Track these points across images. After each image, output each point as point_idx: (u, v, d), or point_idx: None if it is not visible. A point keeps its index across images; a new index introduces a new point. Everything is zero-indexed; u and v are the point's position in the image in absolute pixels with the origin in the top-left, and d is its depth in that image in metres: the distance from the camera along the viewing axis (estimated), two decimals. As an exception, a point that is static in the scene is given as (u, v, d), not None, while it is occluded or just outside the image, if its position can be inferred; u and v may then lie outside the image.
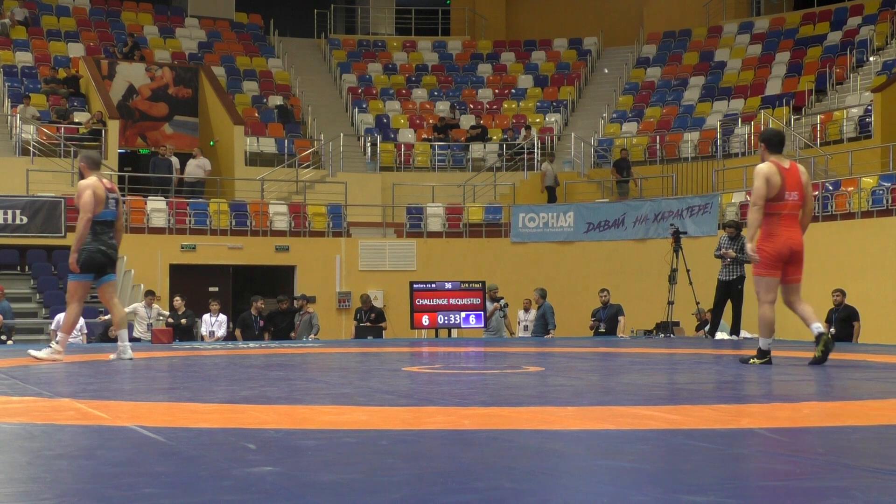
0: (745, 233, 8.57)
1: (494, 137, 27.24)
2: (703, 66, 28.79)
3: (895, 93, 22.32)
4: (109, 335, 17.26)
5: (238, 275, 22.53)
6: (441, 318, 18.25)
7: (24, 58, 26.79)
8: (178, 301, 18.15)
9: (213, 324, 18.12)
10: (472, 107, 29.09)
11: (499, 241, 23.09)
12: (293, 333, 18.81)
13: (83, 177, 9.53)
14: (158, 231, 21.67)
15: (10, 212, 20.40)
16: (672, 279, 16.68)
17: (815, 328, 8.21)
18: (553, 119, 28.23)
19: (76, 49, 27.61)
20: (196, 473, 3.41)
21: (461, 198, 24.55)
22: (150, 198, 22.29)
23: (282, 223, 22.62)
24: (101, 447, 4.03)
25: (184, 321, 17.85)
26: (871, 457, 3.81)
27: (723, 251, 14.66)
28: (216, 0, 30.94)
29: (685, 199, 21.56)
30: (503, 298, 19.31)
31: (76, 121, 24.45)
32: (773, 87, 26.50)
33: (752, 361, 8.46)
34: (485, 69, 30.65)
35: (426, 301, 18.32)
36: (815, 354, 8.21)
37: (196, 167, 23.61)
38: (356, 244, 22.63)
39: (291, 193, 24.47)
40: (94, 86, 25.07)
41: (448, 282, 18.71)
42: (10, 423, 4.75)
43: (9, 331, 17.28)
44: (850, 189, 19.09)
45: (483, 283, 18.83)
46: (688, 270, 16.40)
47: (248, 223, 22.31)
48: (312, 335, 18.52)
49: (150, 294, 18.08)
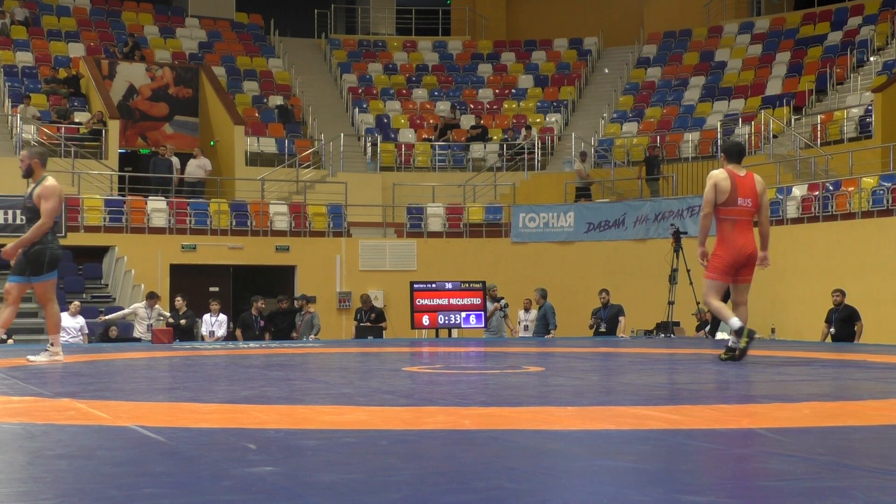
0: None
1: (495, 137, 27.24)
2: (704, 66, 28.79)
3: (895, 93, 22.32)
4: (109, 335, 17.29)
5: (238, 275, 22.52)
6: (441, 318, 18.25)
7: (25, 58, 26.80)
8: (180, 301, 18.15)
9: (214, 324, 18.12)
10: (473, 107, 29.09)
11: (499, 241, 23.09)
12: (294, 333, 18.81)
13: (32, 173, 9.26)
14: (159, 231, 21.68)
15: (10, 212, 20.39)
16: (672, 279, 16.69)
17: (734, 322, 8.59)
18: (553, 119, 28.23)
19: (76, 49, 27.61)
20: (196, 473, 3.41)
21: (461, 198, 24.55)
22: (151, 198, 22.30)
23: (282, 223, 22.62)
24: (101, 447, 4.03)
25: (184, 321, 17.85)
26: (871, 457, 3.81)
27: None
28: (216, 0, 30.94)
29: (685, 199, 21.56)
30: (503, 298, 19.31)
31: (76, 121, 24.45)
32: (774, 87, 26.50)
33: (742, 344, 8.54)
34: (485, 69, 30.66)
35: (426, 301, 18.32)
36: (741, 345, 8.47)
37: (196, 167, 23.61)
38: (356, 244, 22.63)
39: (292, 193, 24.48)
40: (95, 86, 25.07)
41: (448, 282, 18.72)
42: (10, 423, 4.75)
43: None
44: (851, 189, 19.09)
45: (483, 283, 18.83)
46: (688, 270, 16.41)
47: (249, 223, 22.32)
48: (313, 335, 18.52)
49: (153, 296, 18.05)
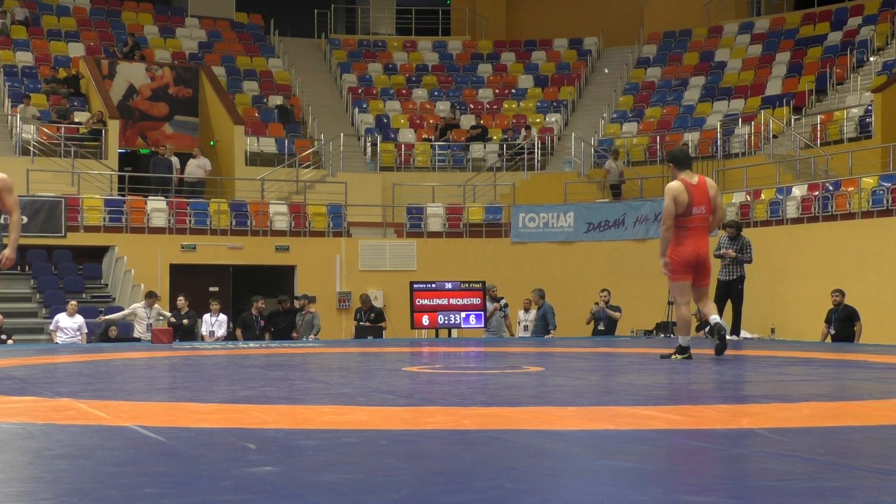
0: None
1: (495, 137, 27.23)
2: (704, 67, 28.79)
3: (895, 93, 22.32)
4: (109, 335, 17.29)
5: (238, 275, 22.52)
6: (441, 318, 18.24)
7: (25, 58, 26.79)
8: (182, 301, 18.15)
9: (214, 324, 18.12)
10: (473, 107, 29.09)
11: (499, 241, 23.08)
12: (295, 333, 18.81)
13: None
14: (158, 231, 21.68)
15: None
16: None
17: (712, 319, 9.13)
18: (553, 119, 28.23)
19: (76, 49, 27.60)
20: (196, 473, 3.41)
21: (461, 198, 24.55)
22: (151, 198, 22.30)
23: (282, 223, 22.62)
24: (101, 447, 4.03)
25: (186, 321, 17.85)
26: (871, 457, 3.81)
27: (722, 251, 14.65)
28: (216, 0, 30.94)
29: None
30: (503, 298, 19.31)
31: (76, 121, 24.45)
32: (774, 88, 26.50)
33: (674, 357, 8.98)
34: (485, 69, 30.65)
35: (426, 301, 18.32)
36: (716, 342, 9.05)
37: (196, 167, 23.61)
38: (356, 244, 22.63)
39: (291, 193, 24.47)
40: (95, 86, 25.07)
41: (448, 282, 18.71)
42: (10, 423, 4.75)
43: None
44: (851, 189, 19.09)
45: (483, 283, 18.83)
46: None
47: (249, 223, 22.31)
48: (313, 335, 18.53)
49: (152, 296, 18.07)
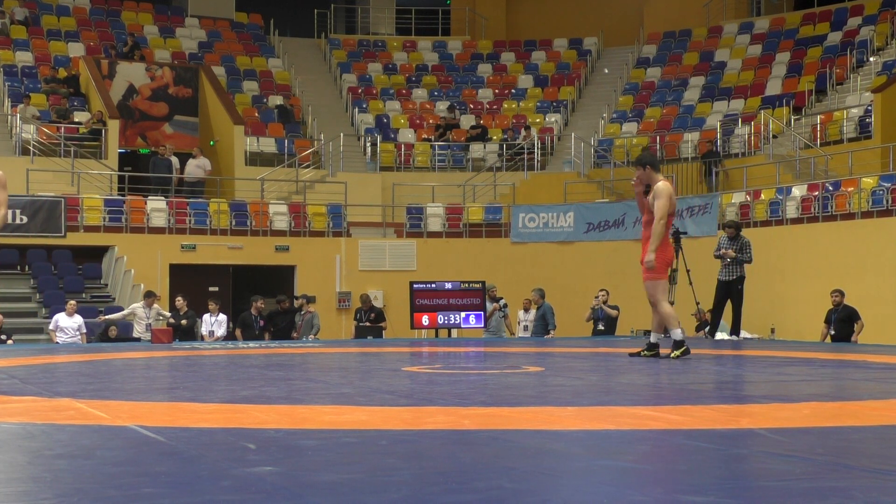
0: (651, 247, 9.63)
1: (494, 137, 27.23)
2: (704, 67, 28.79)
3: (895, 93, 22.32)
4: (109, 335, 17.28)
5: (238, 275, 22.52)
6: (441, 318, 18.24)
7: (25, 57, 26.79)
8: (181, 301, 18.16)
9: (213, 323, 18.12)
10: (473, 107, 29.08)
11: (499, 241, 23.08)
12: (295, 333, 18.81)
13: None
14: (158, 231, 21.67)
15: (10, 211, 20.37)
16: (672, 279, 16.65)
17: (679, 333, 9.25)
18: (553, 119, 28.23)
19: (76, 49, 27.60)
20: (196, 473, 3.41)
21: (461, 198, 24.54)
22: (150, 197, 22.30)
23: (282, 223, 22.62)
24: (101, 447, 4.03)
25: (185, 322, 17.86)
26: (871, 457, 3.81)
27: (722, 251, 14.66)
28: (216, 0, 30.93)
29: (685, 199, 21.55)
30: (503, 298, 19.31)
31: (76, 120, 24.45)
32: (774, 88, 26.50)
33: (674, 355, 8.96)
34: (485, 69, 30.65)
35: (426, 301, 18.31)
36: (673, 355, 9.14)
37: (196, 167, 23.61)
38: (356, 244, 22.63)
39: (291, 193, 24.47)
40: (94, 85, 25.07)
41: (448, 282, 18.71)
42: (10, 423, 4.75)
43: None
44: (850, 189, 19.09)
45: (483, 283, 18.83)
46: (688, 271, 16.39)
47: (248, 223, 22.31)
48: (312, 335, 18.53)
49: (150, 295, 18.08)
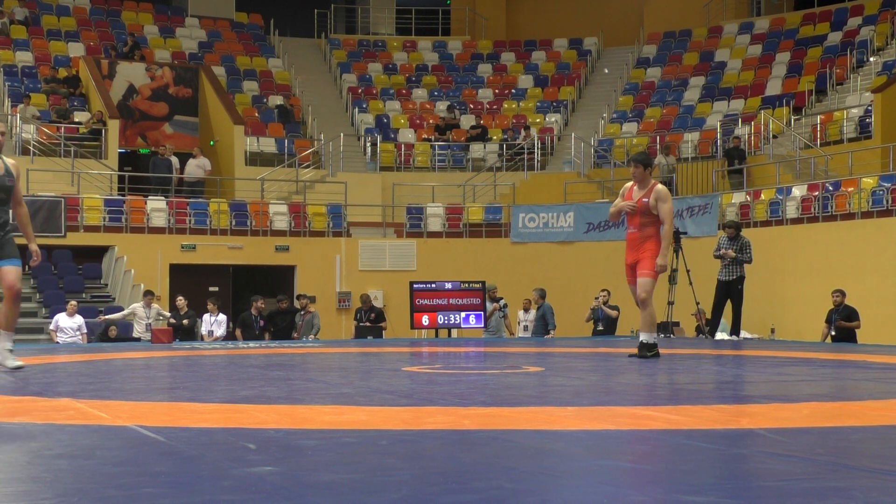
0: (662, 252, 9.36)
1: (495, 137, 27.24)
2: (704, 67, 28.79)
3: (895, 93, 22.31)
4: (109, 335, 17.28)
5: (238, 275, 22.52)
6: (441, 318, 18.24)
7: (25, 57, 26.79)
8: (181, 301, 18.16)
9: (213, 323, 18.12)
10: (473, 107, 29.08)
11: (499, 241, 23.08)
12: (295, 333, 18.81)
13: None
14: (158, 231, 21.67)
15: (10, 212, 20.36)
16: (672, 280, 16.67)
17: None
18: (553, 119, 28.23)
19: (76, 49, 27.61)
20: (196, 473, 3.41)
21: (461, 198, 24.55)
22: (150, 197, 22.30)
23: (282, 223, 22.62)
24: (101, 447, 4.03)
25: (186, 322, 17.86)
26: (871, 457, 3.81)
27: (722, 251, 14.67)
28: (216, 0, 30.94)
29: (685, 199, 21.55)
30: (502, 298, 19.30)
31: (76, 120, 24.45)
32: (774, 88, 26.50)
33: (647, 355, 9.10)
34: (485, 69, 30.65)
35: (426, 301, 18.31)
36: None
37: (196, 167, 23.61)
38: (356, 244, 22.63)
39: (291, 193, 24.47)
40: (95, 85, 25.07)
41: (448, 282, 18.71)
42: (10, 423, 4.75)
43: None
44: (850, 189, 19.09)
45: (483, 283, 18.83)
46: (688, 271, 16.39)
47: (248, 223, 22.31)
48: (312, 335, 18.53)
49: (149, 294, 18.09)
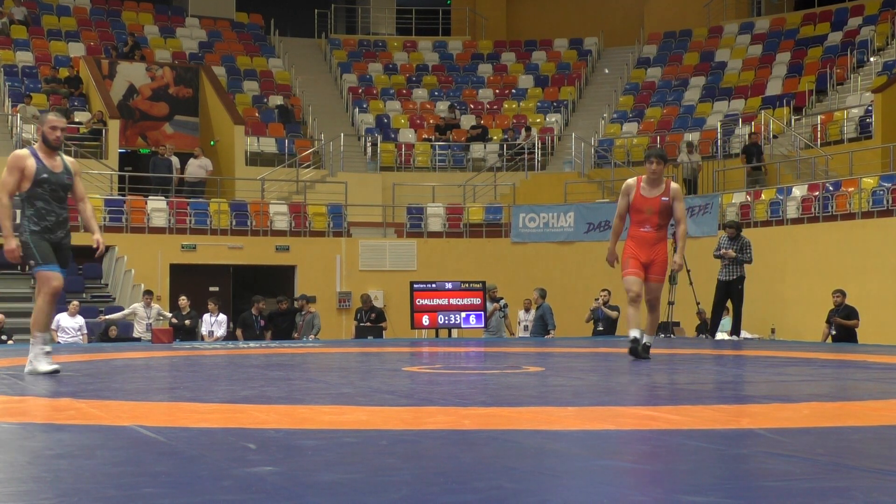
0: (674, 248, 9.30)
1: (495, 137, 27.24)
2: (704, 67, 28.79)
3: (895, 93, 22.31)
4: (109, 335, 17.29)
5: (238, 275, 22.53)
6: (441, 318, 18.24)
7: (25, 57, 26.80)
8: (184, 301, 18.16)
9: (213, 323, 18.13)
10: (473, 107, 29.08)
11: (499, 242, 23.08)
12: (295, 333, 18.82)
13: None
14: (158, 231, 21.67)
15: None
16: (672, 279, 16.67)
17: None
18: (553, 119, 28.23)
19: (77, 49, 27.61)
20: (196, 473, 3.41)
21: (461, 198, 24.55)
22: (151, 197, 22.30)
23: (282, 223, 22.62)
24: (101, 447, 4.03)
25: (188, 322, 17.86)
26: (871, 457, 3.81)
27: (722, 251, 14.67)
28: (216, 0, 30.94)
29: (685, 199, 21.49)
30: (503, 299, 19.31)
31: (76, 120, 24.44)
32: (774, 88, 26.50)
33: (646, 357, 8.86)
34: (485, 69, 30.65)
35: (426, 301, 18.32)
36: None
37: (198, 167, 23.61)
38: (356, 244, 22.63)
39: (292, 193, 24.48)
40: (95, 85, 25.08)
41: (448, 282, 18.72)
42: (10, 423, 4.75)
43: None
44: (851, 189, 19.09)
45: (483, 283, 18.83)
46: (688, 271, 16.41)
47: (249, 223, 22.31)
48: (313, 335, 18.54)
49: (149, 294, 18.09)
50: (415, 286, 18.51)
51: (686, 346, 12.61)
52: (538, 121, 28.24)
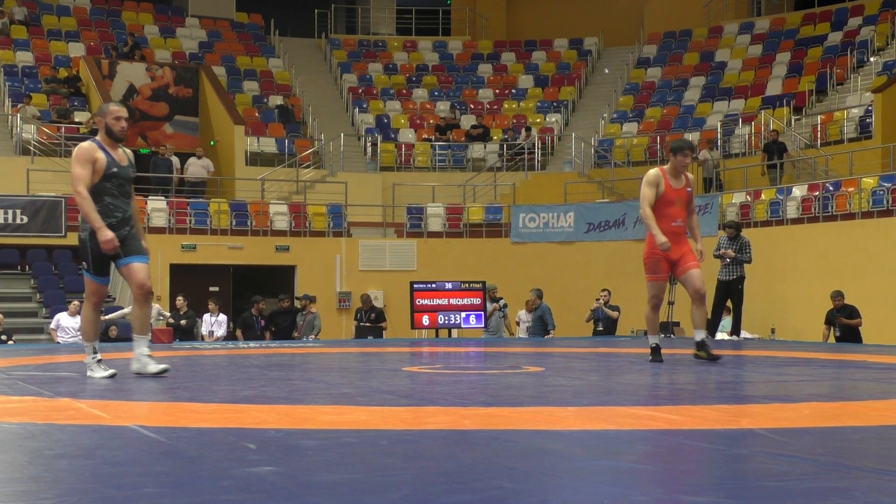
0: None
1: (495, 137, 27.25)
2: (704, 67, 28.79)
3: (895, 93, 22.31)
4: (109, 335, 17.27)
5: (238, 275, 22.53)
6: (441, 319, 18.24)
7: (25, 57, 26.79)
8: (180, 301, 18.15)
9: (213, 323, 18.13)
10: (473, 107, 29.09)
11: (499, 242, 23.08)
12: (296, 333, 18.82)
13: None
14: (159, 231, 21.65)
15: (11, 211, 20.41)
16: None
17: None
18: (553, 119, 28.23)
19: (77, 49, 27.61)
20: (196, 473, 3.41)
21: (461, 198, 24.55)
22: (151, 197, 22.29)
23: (282, 223, 22.62)
24: (101, 447, 4.03)
25: (184, 322, 17.85)
26: (871, 457, 3.81)
27: (722, 251, 14.67)
28: (216, 0, 30.94)
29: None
30: (502, 299, 19.30)
31: (76, 120, 24.45)
32: (774, 88, 26.50)
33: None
34: (485, 69, 30.65)
35: (426, 301, 18.31)
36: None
37: (200, 167, 23.62)
38: (356, 244, 22.63)
39: (292, 193, 24.48)
40: (95, 85, 25.08)
41: (448, 282, 18.71)
42: (10, 423, 4.75)
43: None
44: (851, 189, 19.09)
45: (483, 284, 18.83)
46: (688, 270, 16.39)
47: (249, 223, 22.31)
48: (313, 335, 18.54)
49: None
50: (415, 286, 18.51)
51: (686, 346, 12.61)
52: (538, 121, 28.24)
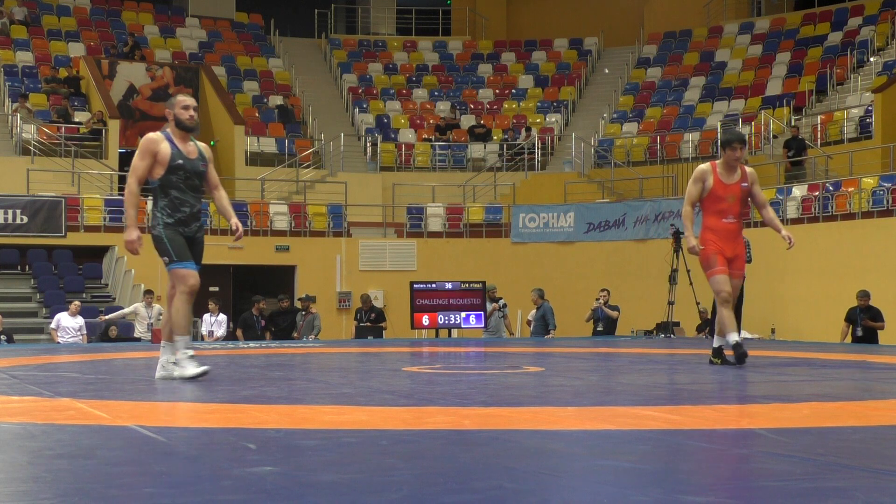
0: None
1: (495, 137, 27.25)
2: (704, 67, 28.79)
3: (895, 93, 22.31)
4: (109, 335, 17.28)
5: (238, 275, 22.52)
6: (441, 319, 18.24)
7: (25, 57, 26.79)
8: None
9: (213, 323, 18.13)
10: (473, 107, 29.09)
11: (499, 242, 23.08)
12: (296, 333, 18.82)
13: None
14: (159, 231, 21.63)
15: (11, 211, 20.40)
16: (672, 279, 16.69)
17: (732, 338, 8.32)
18: (553, 119, 28.23)
19: (77, 49, 27.60)
20: (196, 473, 3.41)
21: (461, 198, 24.55)
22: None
23: (282, 223, 22.62)
24: (101, 447, 4.03)
25: (184, 321, 17.82)
26: (871, 457, 3.81)
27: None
28: (216, 0, 30.94)
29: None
30: (502, 298, 19.30)
31: (76, 120, 24.45)
32: (774, 88, 26.49)
33: (718, 361, 8.45)
34: (485, 69, 30.65)
35: (426, 301, 18.31)
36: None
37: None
38: (356, 244, 22.63)
39: (292, 193, 24.48)
40: (95, 85, 25.08)
41: (448, 282, 18.71)
42: (10, 423, 4.75)
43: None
44: (851, 189, 19.09)
45: (483, 284, 18.83)
46: (688, 270, 16.41)
47: (249, 223, 22.29)
48: (313, 335, 18.54)
49: (150, 293, 18.09)
50: (415, 286, 18.50)
51: (686, 346, 12.62)
52: (538, 121, 28.24)
